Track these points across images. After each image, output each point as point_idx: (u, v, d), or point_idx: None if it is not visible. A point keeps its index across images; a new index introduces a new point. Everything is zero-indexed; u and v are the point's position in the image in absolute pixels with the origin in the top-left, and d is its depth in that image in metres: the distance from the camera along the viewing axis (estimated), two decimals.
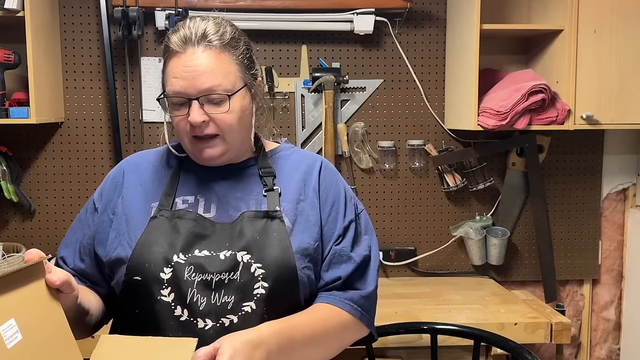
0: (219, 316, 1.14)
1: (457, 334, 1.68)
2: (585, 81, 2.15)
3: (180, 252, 1.16)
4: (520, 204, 2.48)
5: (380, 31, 2.38)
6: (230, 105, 1.19)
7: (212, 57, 1.18)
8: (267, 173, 1.28)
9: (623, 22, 2.12)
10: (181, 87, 1.18)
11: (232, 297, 1.14)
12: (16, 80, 2.23)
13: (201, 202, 1.25)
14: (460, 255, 2.50)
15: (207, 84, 1.17)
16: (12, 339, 0.87)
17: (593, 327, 2.61)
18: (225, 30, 1.23)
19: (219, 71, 1.18)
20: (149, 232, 1.19)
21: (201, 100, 1.18)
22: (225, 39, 1.21)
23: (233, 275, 1.15)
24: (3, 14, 2.00)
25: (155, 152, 1.36)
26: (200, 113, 1.18)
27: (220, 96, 1.18)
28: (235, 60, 1.21)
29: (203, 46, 1.18)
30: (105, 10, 2.19)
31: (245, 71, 1.23)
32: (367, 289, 1.32)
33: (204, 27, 1.21)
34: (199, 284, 1.14)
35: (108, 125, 2.34)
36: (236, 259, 1.16)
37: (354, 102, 2.41)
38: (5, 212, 2.35)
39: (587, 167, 2.50)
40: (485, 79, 2.25)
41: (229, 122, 1.20)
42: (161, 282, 1.15)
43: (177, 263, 1.15)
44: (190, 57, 1.18)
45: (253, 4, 2.28)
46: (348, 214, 1.29)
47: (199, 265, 1.15)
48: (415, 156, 2.42)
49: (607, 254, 2.57)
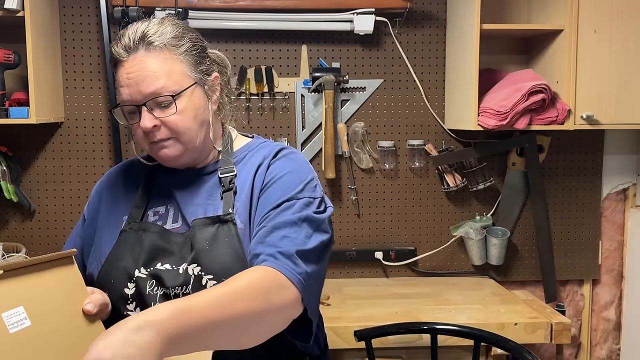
0: None
1: (457, 334, 1.68)
2: (585, 81, 2.15)
3: (142, 266, 1.16)
4: (521, 204, 2.48)
5: (380, 31, 2.38)
6: (177, 106, 1.16)
7: (153, 59, 1.15)
8: (227, 171, 1.23)
9: (623, 22, 2.12)
10: (127, 94, 1.16)
11: None
12: (16, 80, 2.23)
13: (171, 212, 1.23)
14: (461, 255, 2.50)
15: (151, 87, 1.14)
16: (17, 325, 0.89)
17: (593, 327, 2.61)
18: (165, 29, 1.18)
19: (162, 72, 1.15)
20: (117, 247, 1.20)
21: (149, 104, 1.15)
22: (165, 38, 1.17)
23: (186, 289, 1.13)
24: (3, 14, 2.00)
25: (130, 163, 1.35)
26: (150, 118, 1.15)
27: (166, 98, 1.15)
28: (179, 58, 1.18)
29: (143, 50, 1.15)
30: (105, 10, 2.19)
31: (192, 68, 1.19)
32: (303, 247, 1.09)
33: (142, 29, 1.17)
34: (161, 297, 1.13)
35: (108, 125, 2.34)
36: (188, 273, 1.13)
37: (354, 102, 2.41)
38: (5, 212, 2.35)
39: (587, 167, 2.50)
40: (485, 79, 2.25)
41: (180, 124, 1.17)
42: (126, 298, 1.15)
43: (139, 277, 1.15)
44: (132, 63, 1.15)
45: (253, 4, 2.28)
46: (291, 191, 1.17)
47: (159, 279, 1.14)
48: (415, 156, 2.42)
49: (607, 254, 2.57)
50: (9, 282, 0.92)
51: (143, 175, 1.29)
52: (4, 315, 0.89)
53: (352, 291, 2.30)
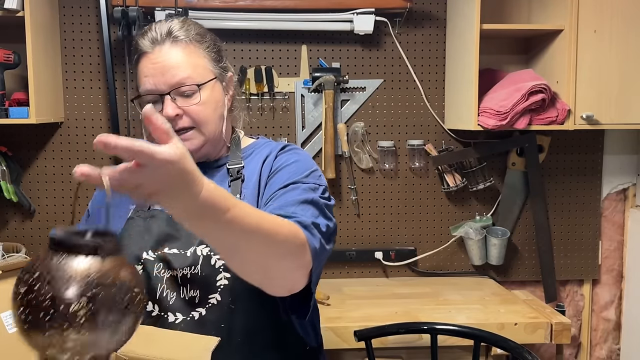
0: (188, 310, 1.16)
1: (457, 334, 1.68)
2: (585, 81, 2.15)
3: (150, 249, 1.20)
4: (520, 204, 2.48)
5: (380, 31, 2.38)
6: (201, 96, 1.21)
7: (179, 51, 1.21)
8: (235, 163, 1.28)
9: (623, 22, 2.12)
10: (152, 84, 1.21)
11: (198, 292, 1.17)
12: (16, 80, 2.23)
13: None
14: (460, 255, 2.50)
15: (176, 77, 1.19)
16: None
17: (593, 327, 2.61)
18: (189, 27, 1.25)
19: (187, 64, 1.21)
20: (123, 233, 1.23)
21: (172, 94, 1.20)
22: (190, 34, 1.23)
23: (194, 269, 1.17)
24: (3, 14, 2.00)
25: None
26: (173, 107, 1.20)
27: (190, 88, 1.20)
28: (202, 53, 1.24)
29: (170, 42, 1.21)
30: (105, 10, 2.19)
31: (214, 64, 1.26)
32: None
33: (168, 26, 1.23)
34: (168, 280, 1.18)
35: (108, 125, 2.34)
36: (196, 254, 1.18)
37: (354, 102, 2.41)
38: (5, 212, 2.35)
39: (587, 167, 2.50)
40: (485, 79, 2.25)
41: (201, 114, 1.22)
42: None
43: (146, 260, 1.19)
44: (158, 54, 1.21)
45: (253, 4, 2.28)
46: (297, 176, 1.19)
47: (166, 262, 1.18)
48: (415, 156, 2.42)
49: (607, 254, 2.57)
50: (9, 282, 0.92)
51: None
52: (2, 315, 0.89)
53: (352, 291, 2.30)
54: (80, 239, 0.70)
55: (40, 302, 0.66)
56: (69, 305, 0.66)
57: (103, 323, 0.68)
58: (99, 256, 0.70)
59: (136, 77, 1.25)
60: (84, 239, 0.70)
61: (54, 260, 0.68)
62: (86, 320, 0.67)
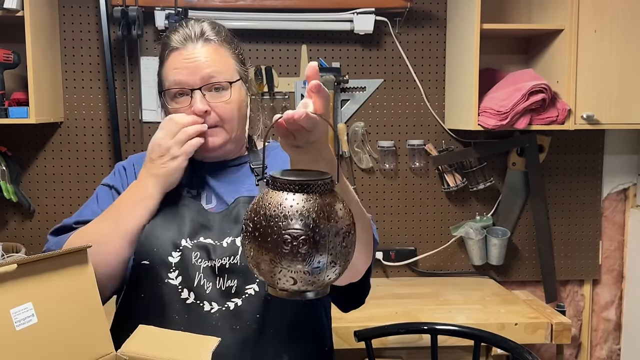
0: (224, 300, 1.16)
1: (457, 334, 1.68)
2: (585, 81, 2.14)
3: (187, 237, 1.20)
4: (521, 204, 2.48)
5: (380, 31, 2.38)
6: (231, 93, 1.24)
7: (211, 50, 1.25)
8: (258, 165, 1.32)
9: (623, 22, 2.12)
10: (183, 76, 1.23)
11: (235, 282, 1.17)
12: (16, 80, 2.23)
13: (204, 195, 1.29)
14: (461, 255, 2.50)
15: (209, 72, 1.22)
16: (24, 322, 0.89)
17: (593, 328, 2.61)
18: (220, 28, 1.29)
19: (219, 62, 1.24)
20: (157, 217, 1.22)
21: (203, 89, 1.22)
22: (221, 35, 1.28)
23: (234, 259, 1.18)
24: (3, 14, 1.99)
25: None
26: (203, 102, 1.22)
27: (222, 84, 1.23)
28: (230, 54, 1.28)
29: (202, 41, 1.24)
30: (105, 10, 2.19)
31: (240, 65, 1.30)
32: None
33: (200, 27, 1.26)
34: (205, 269, 1.18)
35: (108, 125, 2.33)
36: (235, 244, 1.19)
37: (354, 102, 2.41)
38: (5, 212, 2.35)
39: (587, 167, 2.50)
40: (486, 78, 2.25)
41: (229, 111, 1.25)
42: (169, 266, 1.18)
43: (185, 247, 1.19)
44: (191, 50, 1.23)
45: (253, 3, 2.28)
46: None
47: (204, 251, 1.19)
48: (415, 156, 2.42)
49: (608, 254, 2.57)
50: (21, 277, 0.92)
51: None
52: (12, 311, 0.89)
53: None
54: (300, 179, 0.79)
55: (269, 236, 0.76)
56: (296, 238, 0.76)
57: (323, 252, 0.77)
58: (316, 193, 0.78)
59: (162, 72, 1.27)
60: (306, 179, 0.79)
61: (277, 198, 0.78)
62: (308, 251, 0.76)
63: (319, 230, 0.76)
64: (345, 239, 0.79)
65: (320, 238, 0.76)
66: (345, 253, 0.80)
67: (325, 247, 0.77)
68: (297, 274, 0.77)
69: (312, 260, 0.76)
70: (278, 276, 0.78)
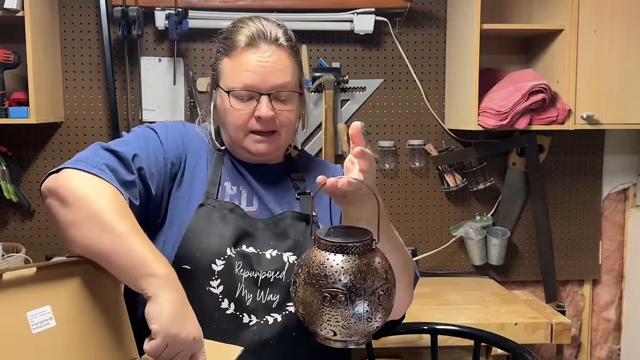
0: (263, 314, 1.15)
1: (457, 334, 1.68)
2: (585, 81, 2.14)
3: (232, 245, 1.17)
4: (521, 204, 2.48)
5: (380, 31, 2.38)
6: (296, 104, 1.24)
7: (284, 57, 1.22)
8: (298, 177, 1.31)
9: (623, 22, 2.12)
10: (254, 80, 1.19)
11: (277, 297, 1.16)
12: (16, 80, 2.23)
13: (244, 194, 1.26)
14: (461, 255, 2.50)
15: (279, 80, 1.20)
16: (41, 325, 0.88)
17: (593, 328, 2.61)
18: (291, 36, 1.26)
19: (290, 70, 1.22)
20: (199, 220, 1.18)
21: (271, 96, 1.20)
22: (292, 42, 1.25)
23: (279, 274, 1.17)
24: (3, 14, 1.99)
25: (200, 134, 1.32)
26: (269, 107, 1.19)
27: (288, 94, 1.22)
28: (297, 64, 1.26)
29: (276, 46, 1.21)
30: (105, 10, 2.19)
31: (301, 75, 1.28)
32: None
33: (276, 29, 1.23)
34: (246, 280, 1.16)
35: (108, 125, 2.33)
36: (282, 259, 1.18)
37: (354, 102, 2.41)
38: (5, 212, 2.35)
39: (587, 167, 2.50)
40: (486, 78, 2.25)
41: (288, 121, 1.23)
42: (212, 273, 1.15)
43: (229, 256, 1.16)
44: (266, 53, 1.20)
45: (253, 4, 2.28)
46: None
47: (248, 262, 1.17)
48: (415, 156, 2.42)
49: (608, 254, 2.57)
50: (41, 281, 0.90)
51: (210, 153, 1.29)
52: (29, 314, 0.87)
53: None
54: (343, 240, 0.86)
55: (312, 292, 0.85)
56: (334, 296, 0.83)
57: (359, 308, 0.84)
58: (355, 254, 0.85)
59: (228, 67, 1.22)
60: (346, 241, 0.86)
61: (320, 257, 0.86)
62: (346, 307, 0.83)
63: (355, 289, 0.84)
64: (381, 297, 0.86)
65: (356, 297, 0.84)
66: (382, 307, 0.87)
67: (362, 303, 0.84)
68: (336, 327, 0.85)
69: (349, 315, 0.84)
70: (320, 327, 0.86)
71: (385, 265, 0.89)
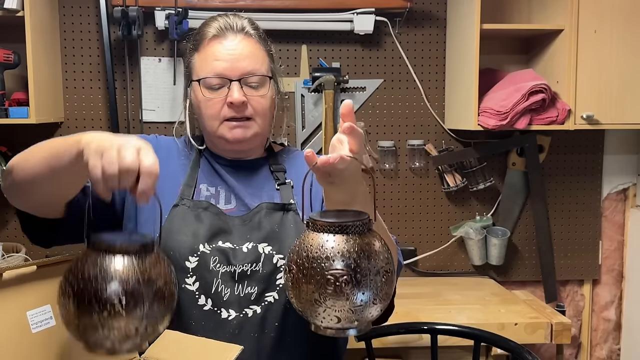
0: (242, 307, 1.15)
1: (457, 334, 1.68)
2: (585, 81, 2.14)
3: (205, 242, 1.18)
4: (521, 204, 2.48)
5: (380, 31, 2.38)
6: (268, 88, 1.26)
7: (251, 44, 1.26)
8: (278, 169, 1.31)
9: (623, 22, 2.12)
10: (224, 68, 1.22)
11: (256, 288, 1.16)
12: (16, 80, 2.23)
13: (221, 194, 1.27)
14: (461, 255, 2.50)
15: (249, 66, 1.23)
16: (41, 325, 0.88)
17: (593, 328, 2.61)
18: (257, 25, 1.31)
19: (258, 57, 1.25)
20: (173, 219, 1.20)
21: (241, 82, 1.22)
22: (259, 32, 1.30)
23: (256, 266, 1.17)
24: (3, 14, 1.99)
25: (173, 140, 1.36)
26: (241, 93, 1.22)
27: (259, 79, 1.24)
28: (267, 52, 1.29)
29: (242, 35, 1.26)
30: (105, 10, 2.19)
31: (273, 64, 1.31)
32: None
33: (241, 21, 1.28)
34: (223, 275, 1.16)
35: (108, 125, 2.33)
36: (258, 251, 1.18)
37: (354, 102, 2.39)
38: (5, 212, 2.35)
39: (587, 167, 2.50)
40: (486, 78, 2.25)
41: (261, 106, 1.25)
42: (186, 271, 1.16)
43: (202, 252, 1.17)
44: (232, 42, 1.24)
45: (253, 4, 2.28)
46: None
47: (224, 256, 1.17)
48: (415, 156, 2.42)
49: (608, 254, 2.57)
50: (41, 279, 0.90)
51: (188, 156, 1.32)
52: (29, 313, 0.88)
53: None
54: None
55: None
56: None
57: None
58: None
59: (198, 60, 1.26)
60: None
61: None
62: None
63: (360, 269, 0.78)
64: (385, 276, 0.81)
65: (362, 277, 0.78)
66: (386, 289, 0.82)
67: (367, 285, 0.79)
68: (341, 312, 0.79)
69: (355, 299, 0.79)
70: (322, 315, 0.80)
71: (385, 244, 0.84)
